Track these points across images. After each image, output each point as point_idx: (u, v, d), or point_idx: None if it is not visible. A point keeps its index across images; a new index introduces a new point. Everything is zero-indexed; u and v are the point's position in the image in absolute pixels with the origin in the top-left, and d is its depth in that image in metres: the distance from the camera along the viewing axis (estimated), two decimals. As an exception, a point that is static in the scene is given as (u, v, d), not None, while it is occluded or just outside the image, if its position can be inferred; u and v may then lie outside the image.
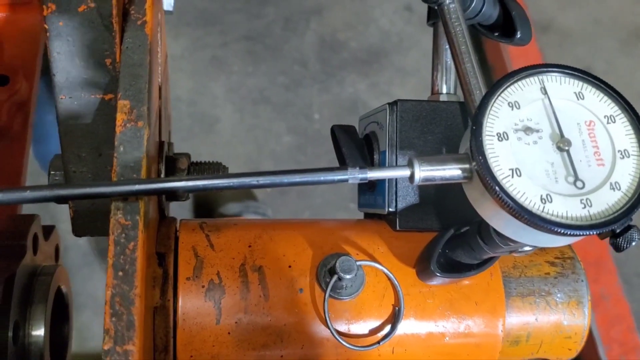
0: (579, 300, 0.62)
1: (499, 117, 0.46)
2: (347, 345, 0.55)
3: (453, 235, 0.56)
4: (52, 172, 0.58)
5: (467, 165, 0.46)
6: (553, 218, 0.43)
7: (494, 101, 0.46)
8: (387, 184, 0.61)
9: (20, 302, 0.63)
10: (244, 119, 2.30)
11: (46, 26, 0.50)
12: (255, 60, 2.39)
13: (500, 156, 0.45)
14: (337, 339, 0.55)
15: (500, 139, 0.45)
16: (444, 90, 0.65)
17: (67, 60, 0.51)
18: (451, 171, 0.47)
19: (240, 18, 2.45)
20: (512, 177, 0.44)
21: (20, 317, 0.62)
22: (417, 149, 0.60)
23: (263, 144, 2.26)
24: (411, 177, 0.47)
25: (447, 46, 0.66)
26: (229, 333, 0.55)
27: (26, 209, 0.76)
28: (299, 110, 2.32)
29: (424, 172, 0.46)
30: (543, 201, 0.44)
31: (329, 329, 0.55)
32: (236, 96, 2.33)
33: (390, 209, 0.60)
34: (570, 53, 2.46)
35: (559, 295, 0.62)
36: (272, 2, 2.48)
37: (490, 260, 0.56)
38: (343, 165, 0.64)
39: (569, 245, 0.65)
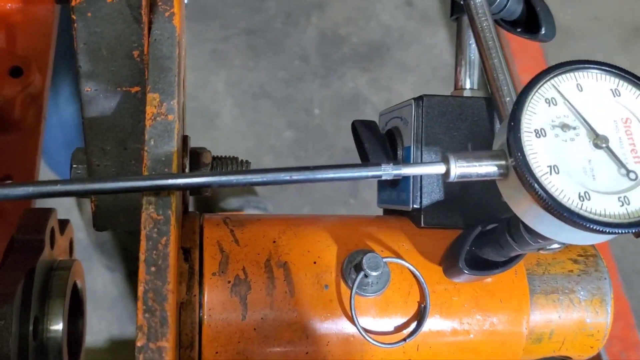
0: (602, 298, 0.62)
1: (536, 114, 0.45)
2: (374, 342, 0.55)
3: (480, 233, 0.56)
4: (74, 166, 0.57)
5: (503, 162, 0.46)
6: (591, 216, 0.43)
7: (532, 97, 0.46)
8: (411, 180, 0.60)
9: (40, 296, 0.62)
10: (244, 113, 2.29)
11: (74, 17, 0.49)
12: (256, 55, 2.38)
13: (539, 153, 0.44)
14: (364, 336, 0.54)
15: (538, 135, 0.45)
16: (468, 86, 0.65)
17: (93, 51, 0.51)
18: (487, 167, 0.46)
19: (240, 12, 2.44)
20: (550, 174, 0.44)
21: (40, 312, 0.61)
22: (443, 145, 0.60)
23: (263, 138, 2.25)
24: (446, 174, 0.46)
25: (471, 41, 0.66)
26: (254, 329, 0.54)
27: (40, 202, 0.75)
28: (299, 105, 2.32)
29: (460, 168, 0.46)
30: (581, 199, 0.43)
31: (356, 325, 0.54)
32: (237, 91, 2.32)
33: (415, 206, 0.60)
34: (570, 50, 2.46)
35: (582, 292, 0.61)
36: (273, -4, 2.47)
37: (517, 257, 0.56)
38: (365, 160, 0.64)
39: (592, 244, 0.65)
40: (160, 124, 0.48)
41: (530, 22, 0.67)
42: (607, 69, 0.47)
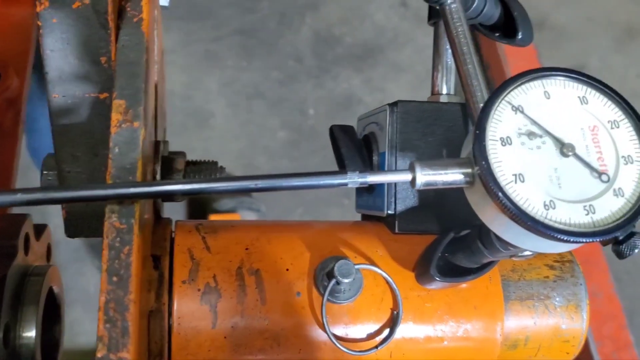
0: (578, 304, 0.62)
1: (502, 121, 0.45)
2: (345, 349, 0.54)
3: (453, 239, 0.56)
4: (44, 172, 0.57)
5: (469, 170, 0.46)
6: (556, 225, 0.43)
7: (498, 105, 0.45)
8: (386, 187, 0.60)
9: (12, 303, 0.62)
10: (237, 114, 2.29)
11: (39, 22, 0.48)
12: (250, 55, 2.38)
13: (504, 161, 0.44)
14: (335, 344, 0.54)
15: (503, 143, 0.44)
16: (444, 91, 0.65)
17: (60, 57, 0.50)
18: (453, 176, 0.46)
19: (233, 12, 2.44)
20: (516, 182, 0.43)
21: (12, 319, 0.61)
22: (418, 151, 0.59)
23: (257, 139, 2.25)
24: (412, 182, 0.46)
25: (448, 46, 0.65)
26: (225, 337, 0.54)
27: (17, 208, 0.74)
28: (293, 106, 2.31)
29: (425, 176, 0.46)
30: (546, 207, 0.43)
31: (327, 333, 0.54)
32: (230, 91, 2.32)
33: (389, 212, 0.59)
34: (564, 50, 2.46)
35: (557, 299, 0.61)
36: (267, -4, 2.47)
37: (490, 264, 0.55)
38: (342, 166, 0.64)
39: (568, 249, 0.65)
40: (125, 131, 0.48)
41: (508, 27, 0.66)
42: (574, 76, 0.47)
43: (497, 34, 0.68)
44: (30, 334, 0.62)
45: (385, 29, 2.52)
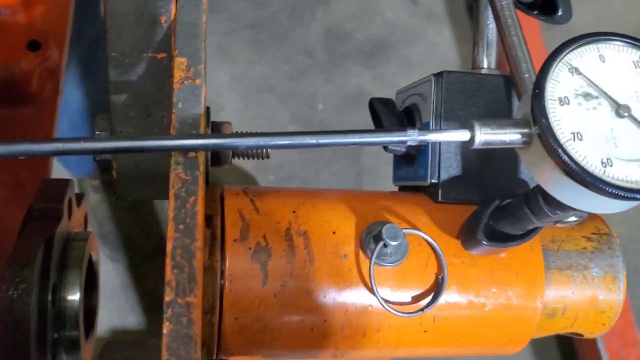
0: (615, 276, 0.63)
1: (560, 82, 0.46)
2: (392, 311, 0.55)
3: (497, 207, 0.57)
4: (97, 132, 0.57)
5: (526, 130, 0.47)
6: (614, 181, 0.44)
7: (556, 66, 0.46)
8: (429, 156, 0.61)
9: (57, 266, 0.62)
10: (248, 107, 2.30)
11: (104, -19, 0.49)
12: (261, 49, 2.39)
13: (562, 120, 0.45)
14: (383, 305, 0.55)
15: (561, 103, 0.45)
16: (485, 65, 0.66)
17: (121, 16, 0.51)
18: (511, 135, 0.47)
19: (245, 6, 2.45)
20: (574, 140, 0.44)
21: (58, 280, 0.62)
22: (461, 121, 0.60)
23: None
24: (471, 141, 0.47)
25: (489, 22, 0.66)
26: (274, 296, 0.55)
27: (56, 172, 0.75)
28: (303, 100, 2.32)
29: (484, 135, 0.47)
30: (604, 165, 0.44)
31: (375, 294, 0.55)
32: (241, 85, 2.33)
33: (432, 180, 0.60)
34: (573, 50, 2.47)
35: (595, 269, 0.62)
36: (279, -9, 2.48)
37: (534, 231, 0.56)
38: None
39: (604, 222, 0.66)
40: (188, 87, 0.49)
41: (546, 4, 0.67)
42: (629, 41, 0.48)
43: (536, 12, 0.69)
44: (75, 297, 0.63)
45: (395, 25, 2.53)
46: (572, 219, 0.53)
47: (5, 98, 0.68)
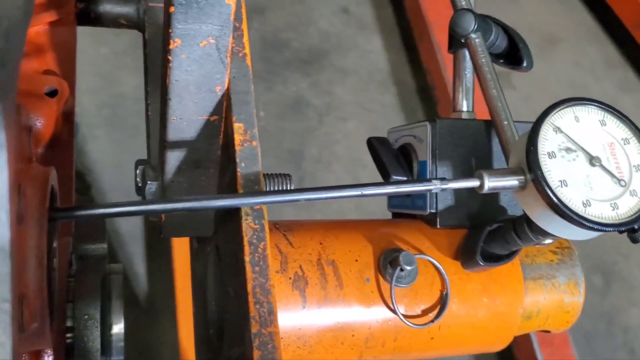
0: (576, 282, 0.77)
1: (547, 139, 0.58)
2: (410, 324, 0.66)
3: (488, 232, 0.69)
4: (149, 182, 0.65)
5: (522, 177, 0.59)
6: (593, 218, 0.56)
7: (543, 126, 0.59)
8: (427, 189, 0.72)
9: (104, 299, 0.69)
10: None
11: (169, 57, 0.57)
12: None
13: (552, 170, 0.57)
14: (403, 320, 0.66)
15: (550, 156, 0.58)
16: (465, 108, 0.78)
17: (182, 87, 0.59)
18: (510, 182, 0.59)
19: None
20: (562, 186, 0.57)
21: (107, 312, 0.69)
22: (451, 160, 0.72)
23: (212, 141, 2.31)
24: (481, 187, 0.59)
25: (466, 72, 0.79)
26: (312, 317, 0.65)
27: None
28: (244, 108, 2.39)
29: (491, 182, 0.58)
30: (584, 205, 0.57)
31: (396, 312, 0.66)
32: (182, 93, 2.37)
33: (431, 210, 0.72)
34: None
35: (561, 278, 0.76)
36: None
37: (517, 251, 0.69)
38: (385, 173, 0.76)
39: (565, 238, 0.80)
40: (247, 149, 0.58)
41: (511, 55, 0.81)
42: (595, 104, 0.61)
43: (502, 61, 0.82)
44: (120, 326, 0.70)
45: (329, 34, 2.65)
46: (548, 241, 0.66)
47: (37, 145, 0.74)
